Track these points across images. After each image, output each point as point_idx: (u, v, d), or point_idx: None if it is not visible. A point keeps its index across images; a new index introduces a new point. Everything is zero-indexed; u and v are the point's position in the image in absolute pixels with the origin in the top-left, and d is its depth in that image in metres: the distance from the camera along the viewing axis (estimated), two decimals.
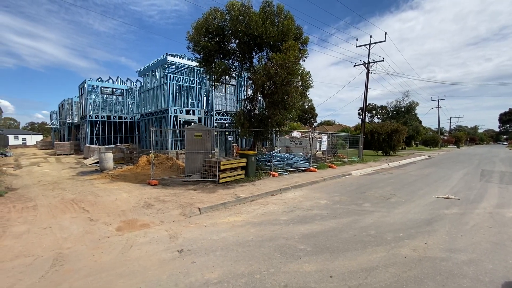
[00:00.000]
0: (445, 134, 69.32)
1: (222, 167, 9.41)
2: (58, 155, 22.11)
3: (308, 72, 9.73)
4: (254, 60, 10.09)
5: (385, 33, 19.50)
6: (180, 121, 16.66)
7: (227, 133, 18.79)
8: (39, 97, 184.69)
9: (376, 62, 20.37)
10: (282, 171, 11.74)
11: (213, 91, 17.53)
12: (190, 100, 18.48)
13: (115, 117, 24.59)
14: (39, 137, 62.22)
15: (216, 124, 18.00)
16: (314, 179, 10.72)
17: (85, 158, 18.71)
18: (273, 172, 11.16)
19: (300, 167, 12.58)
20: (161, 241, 4.47)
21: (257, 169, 10.92)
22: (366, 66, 20.17)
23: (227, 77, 10.53)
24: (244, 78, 19.52)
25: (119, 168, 13.26)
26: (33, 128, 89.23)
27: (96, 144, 22.17)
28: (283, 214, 6.08)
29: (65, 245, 4.26)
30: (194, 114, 17.49)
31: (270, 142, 11.66)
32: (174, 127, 16.32)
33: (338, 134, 20.05)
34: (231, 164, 9.79)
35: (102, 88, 25.31)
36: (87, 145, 20.45)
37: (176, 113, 16.57)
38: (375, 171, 14.41)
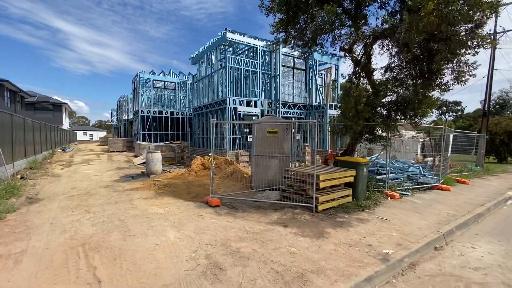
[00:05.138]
0: None
1: (321, 185, 5.71)
2: (111, 152, 21.22)
3: None
4: (371, 9, 6.10)
5: None
6: (239, 114, 13.47)
7: (293, 130, 15.04)
8: (107, 97, 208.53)
9: (508, 31, 14.33)
10: (401, 190, 7.54)
11: (279, 77, 13.93)
12: (251, 89, 15.12)
13: (167, 112, 22.96)
14: (103, 133, 67.77)
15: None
16: (469, 207, 6.32)
17: (136, 156, 17.13)
18: (391, 192, 7.04)
19: (425, 183, 8.16)
20: None
21: (367, 186, 6.94)
22: (493, 37, 14.30)
23: (324, 41, 6.64)
24: (316, 61, 15.49)
25: (169, 172, 10.64)
26: (101, 125, 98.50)
27: (147, 141, 20.67)
28: None
29: None
30: (256, 106, 14.13)
31: (386, 143, 7.49)
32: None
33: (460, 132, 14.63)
34: (335, 178, 6.01)
35: (154, 82, 24.01)
36: (138, 142, 18.89)
37: (235, 104, 13.42)
38: None
